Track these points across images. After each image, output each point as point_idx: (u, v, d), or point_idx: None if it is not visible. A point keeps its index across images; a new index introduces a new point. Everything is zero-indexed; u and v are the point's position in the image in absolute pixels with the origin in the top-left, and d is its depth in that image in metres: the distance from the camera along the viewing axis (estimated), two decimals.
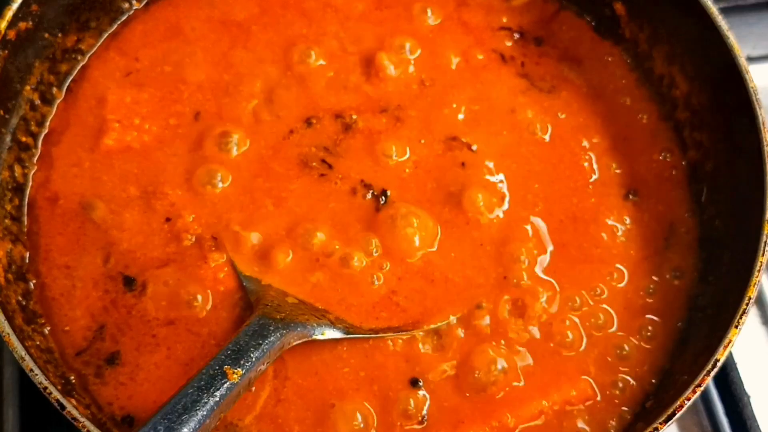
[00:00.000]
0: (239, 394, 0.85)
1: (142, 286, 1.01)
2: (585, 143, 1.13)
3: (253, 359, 0.86)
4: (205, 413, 0.80)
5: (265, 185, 1.07)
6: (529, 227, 1.06)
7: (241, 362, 0.85)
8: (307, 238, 1.03)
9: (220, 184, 1.06)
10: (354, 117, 1.11)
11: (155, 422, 0.78)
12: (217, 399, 0.81)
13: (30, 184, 1.09)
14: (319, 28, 1.18)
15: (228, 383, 0.83)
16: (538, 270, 1.04)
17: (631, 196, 1.10)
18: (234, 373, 0.84)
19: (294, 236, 1.03)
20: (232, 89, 1.13)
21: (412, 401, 0.95)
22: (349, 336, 0.97)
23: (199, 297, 1.00)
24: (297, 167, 1.08)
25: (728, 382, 1.12)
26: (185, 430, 0.78)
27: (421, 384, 0.96)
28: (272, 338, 0.89)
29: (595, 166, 1.11)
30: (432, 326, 0.99)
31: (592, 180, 1.10)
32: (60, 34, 1.12)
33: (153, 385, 0.94)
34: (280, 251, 1.02)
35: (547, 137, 1.13)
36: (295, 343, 0.93)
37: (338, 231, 1.04)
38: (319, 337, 0.95)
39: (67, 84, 1.15)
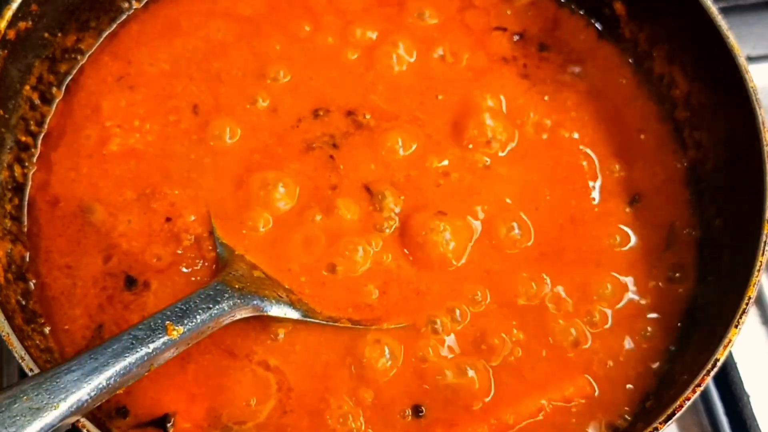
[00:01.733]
0: (176, 350, 0.86)
1: (144, 286, 1.01)
2: (584, 143, 1.12)
3: (198, 321, 0.88)
4: (133, 361, 0.82)
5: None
6: (518, 226, 1.06)
7: (185, 321, 0.87)
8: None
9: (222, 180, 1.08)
10: (367, 116, 1.12)
11: (82, 358, 0.80)
12: (150, 350, 0.83)
13: (30, 184, 1.09)
14: (323, 25, 1.18)
15: (165, 338, 0.85)
16: (535, 269, 1.04)
17: (630, 197, 1.10)
18: (174, 330, 0.85)
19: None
20: (225, 76, 1.14)
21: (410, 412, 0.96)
22: (305, 319, 0.98)
23: None
24: (300, 153, 1.09)
25: (728, 381, 1.12)
26: (110, 372, 0.80)
27: (422, 412, 0.96)
28: (224, 305, 0.91)
29: (593, 166, 1.11)
30: (393, 326, 0.99)
31: (590, 181, 1.10)
32: (60, 34, 1.12)
33: (152, 382, 0.94)
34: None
35: (546, 138, 1.13)
36: (247, 315, 0.94)
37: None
38: (273, 313, 0.96)
39: (66, 83, 1.15)
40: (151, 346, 0.83)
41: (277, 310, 0.96)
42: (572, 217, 1.08)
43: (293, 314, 0.97)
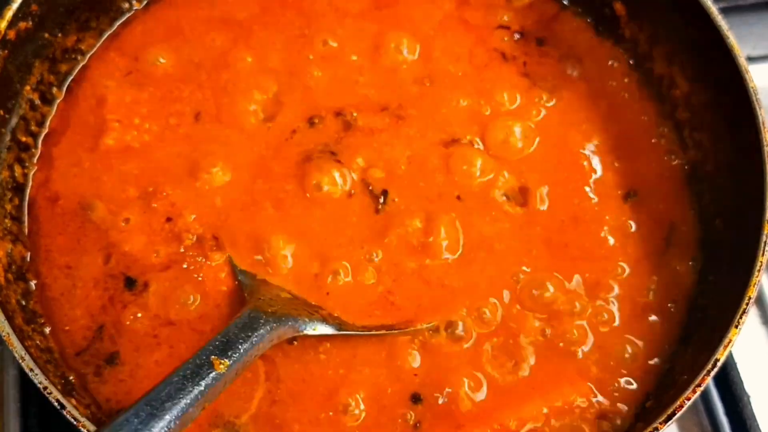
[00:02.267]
0: (225, 384, 0.86)
1: (144, 286, 1.01)
2: (585, 143, 1.12)
3: (241, 351, 0.87)
4: (188, 401, 0.81)
5: (264, 186, 1.07)
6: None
7: (229, 353, 0.86)
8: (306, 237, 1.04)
9: (222, 181, 1.07)
10: (354, 114, 1.11)
11: (138, 407, 0.79)
12: (202, 388, 0.82)
13: (30, 184, 1.09)
14: (319, 27, 1.18)
15: (214, 373, 0.84)
16: (535, 269, 1.04)
17: (631, 196, 1.10)
18: (221, 363, 0.85)
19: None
20: (231, 87, 1.13)
21: (411, 413, 0.96)
22: (341, 333, 0.97)
23: (199, 297, 1.00)
24: (297, 166, 1.08)
25: (728, 381, 1.12)
26: (168, 416, 0.79)
27: (421, 400, 0.96)
28: (262, 331, 0.90)
29: (595, 166, 1.11)
30: (425, 325, 0.99)
31: (592, 180, 1.10)
32: (60, 34, 1.12)
33: (153, 382, 0.94)
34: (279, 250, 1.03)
35: (546, 138, 1.12)
36: (285, 337, 0.94)
37: (337, 232, 1.05)
38: (310, 332, 0.95)
39: (67, 84, 1.15)
40: (203, 383, 0.82)
41: (311, 328, 0.96)
42: (575, 215, 1.07)
43: (327, 330, 0.97)
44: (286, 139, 1.10)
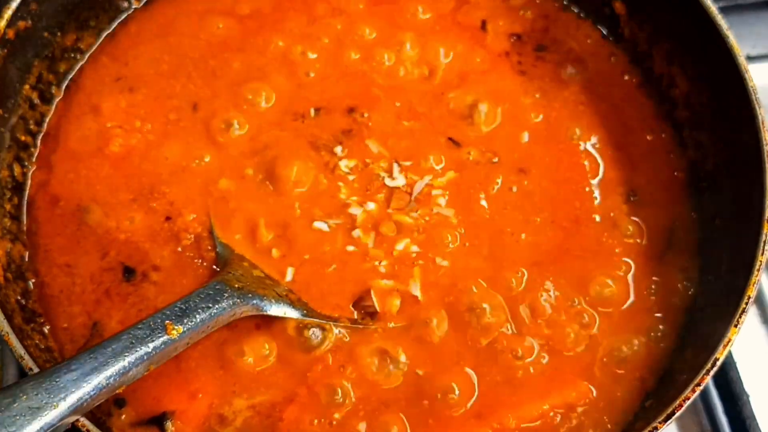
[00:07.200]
0: (175, 350, 0.87)
1: (143, 276, 1.01)
2: (584, 144, 1.12)
3: (197, 320, 0.88)
4: (133, 360, 0.82)
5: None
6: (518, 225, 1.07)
7: (185, 321, 0.87)
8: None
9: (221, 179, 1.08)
10: (365, 114, 1.12)
11: (82, 357, 0.80)
12: (150, 350, 0.83)
13: (29, 183, 1.09)
14: (322, 24, 1.18)
15: (165, 338, 0.84)
16: (537, 271, 1.04)
17: (631, 196, 1.10)
18: (174, 329, 0.85)
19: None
20: (222, 74, 1.14)
21: None
22: (305, 318, 0.98)
23: None
24: (300, 151, 1.09)
25: (728, 381, 1.12)
26: (109, 371, 0.80)
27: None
28: (224, 304, 0.91)
29: (595, 166, 1.11)
30: (392, 325, 0.99)
31: (592, 181, 1.10)
32: (59, 33, 1.12)
33: (155, 381, 0.94)
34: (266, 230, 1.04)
35: (546, 138, 1.12)
36: (247, 314, 0.94)
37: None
38: (273, 313, 0.96)
39: (66, 83, 1.15)
40: (151, 345, 0.83)
41: (276, 310, 0.96)
42: (576, 217, 1.07)
43: (293, 313, 0.97)
44: (285, 129, 1.11)
